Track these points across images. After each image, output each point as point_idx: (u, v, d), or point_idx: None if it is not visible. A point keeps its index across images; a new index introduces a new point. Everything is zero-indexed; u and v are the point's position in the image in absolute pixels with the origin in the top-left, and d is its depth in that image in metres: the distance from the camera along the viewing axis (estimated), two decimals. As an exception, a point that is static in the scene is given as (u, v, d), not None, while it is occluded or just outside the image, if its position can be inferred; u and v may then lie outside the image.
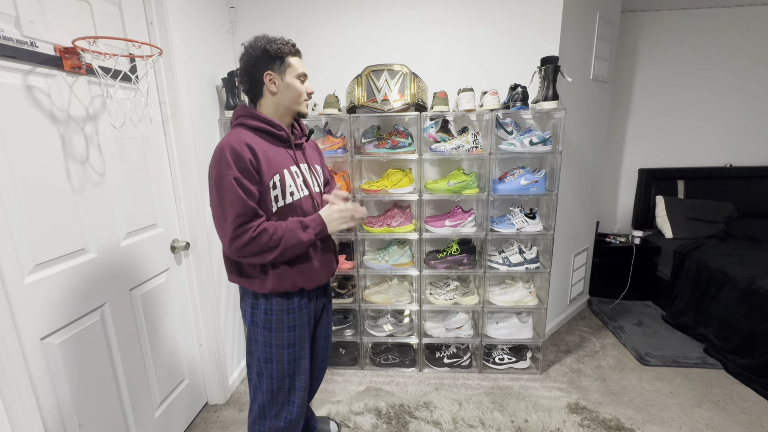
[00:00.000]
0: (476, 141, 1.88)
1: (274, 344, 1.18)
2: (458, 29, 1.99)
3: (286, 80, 1.14)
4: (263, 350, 1.19)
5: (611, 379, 2.04)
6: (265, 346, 1.19)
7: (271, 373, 1.20)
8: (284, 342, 1.18)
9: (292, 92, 1.15)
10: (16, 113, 1.01)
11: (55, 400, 1.11)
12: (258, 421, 1.25)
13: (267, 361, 1.20)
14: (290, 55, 1.13)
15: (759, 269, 2.14)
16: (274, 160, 1.12)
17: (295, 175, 1.17)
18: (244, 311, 1.23)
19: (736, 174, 3.03)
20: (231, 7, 2.02)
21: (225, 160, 1.03)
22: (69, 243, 1.16)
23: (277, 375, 1.20)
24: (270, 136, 1.15)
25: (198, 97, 1.74)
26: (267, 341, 1.18)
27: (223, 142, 1.06)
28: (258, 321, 1.18)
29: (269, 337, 1.18)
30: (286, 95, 1.15)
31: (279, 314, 1.17)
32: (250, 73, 1.12)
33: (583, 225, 2.67)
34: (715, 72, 2.95)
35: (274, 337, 1.18)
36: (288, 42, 1.13)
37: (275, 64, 1.12)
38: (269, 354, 1.19)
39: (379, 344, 2.26)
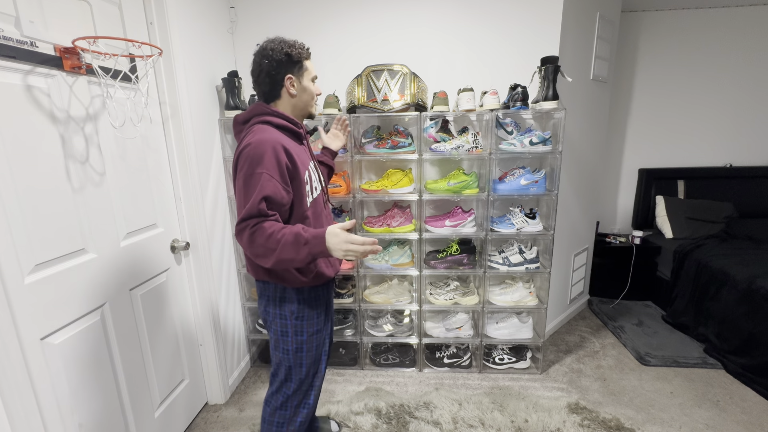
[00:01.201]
0: (476, 141, 1.88)
1: (305, 332, 1.21)
2: (458, 29, 1.99)
3: (303, 83, 1.19)
4: (294, 341, 1.21)
5: (611, 379, 2.04)
6: (296, 336, 1.21)
7: (301, 362, 1.23)
8: (314, 329, 1.23)
9: (308, 95, 1.21)
10: (16, 113, 1.01)
11: (55, 400, 1.11)
12: (278, 412, 1.28)
13: (298, 351, 1.22)
14: (306, 59, 1.19)
15: (759, 269, 2.14)
16: (301, 157, 1.16)
17: (313, 171, 1.23)
18: (266, 307, 1.23)
19: (736, 174, 3.03)
20: (231, 7, 2.02)
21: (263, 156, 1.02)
22: (69, 243, 1.16)
23: (307, 362, 1.24)
24: (291, 134, 1.18)
25: (198, 97, 1.74)
26: (298, 331, 1.21)
27: (265, 138, 1.04)
28: (287, 314, 1.20)
29: (300, 326, 1.21)
30: (303, 97, 1.20)
31: (309, 302, 1.21)
32: (273, 76, 1.15)
33: (583, 225, 2.67)
34: (715, 72, 2.95)
35: (305, 325, 1.21)
36: (304, 46, 1.19)
37: (295, 68, 1.16)
38: (300, 344, 1.22)
39: (379, 344, 2.26)
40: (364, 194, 1.99)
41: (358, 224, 2.02)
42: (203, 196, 1.75)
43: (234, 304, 2.06)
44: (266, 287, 1.22)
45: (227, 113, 1.89)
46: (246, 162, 1.04)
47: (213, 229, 1.84)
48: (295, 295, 1.19)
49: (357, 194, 1.99)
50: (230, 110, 1.88)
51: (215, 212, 1.86)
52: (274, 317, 1.22)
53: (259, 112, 1.15)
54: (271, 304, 1.22)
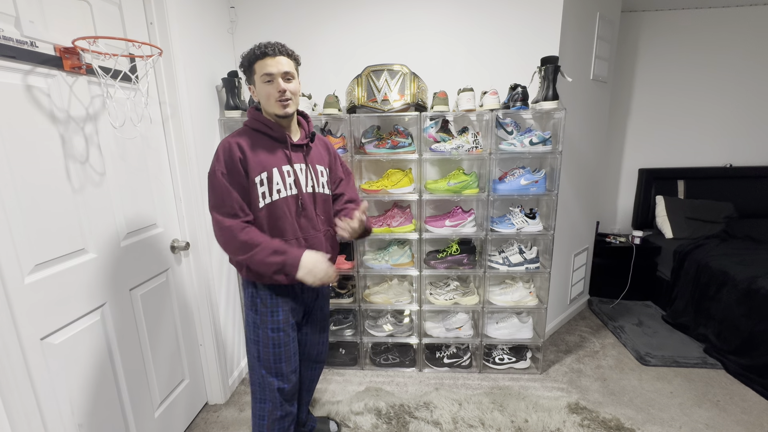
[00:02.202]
0: (476, 141, 1.88)
1: (260, 326, 1.26)
2: (458, 29, 1.99)
3: (257, 87, 1.19)
4: (252, 331, 1.28)
5: (611, 379, 2.04)
6: (254, 328, 1.27)
7: (258, 354, 1.27)
8: (268, 326, 1.25)
9: (262, 97, 1.19)
10: (16, 113, 1.01)
11: (55, 400, 1.11)
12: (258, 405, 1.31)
13: (255, 342, 1.27)
14: (255, 61, 1.15)
15: (759, 269, 2.14)
16: (265, 159, 1.18)
17: (286, 175, 1.20)
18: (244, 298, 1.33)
19: (736, 174, 3.03)
20: (231, 7, 2.02)
21: (217, 156, 1.15)
22: (69, 243, 1.16)
23: (264, 357, 1.26)
24: (266, 136, 1.21)
25: (198, 97, 1.74)
26: (255, 323, 1.26)
27: (222, 141, 1.19)
28: (248, 302, 1.28)
29: (256, 319, 1.26)
30: (262, 101, 1.20)
31: (263, 298, 1.25)
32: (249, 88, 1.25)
33: (583, 225, 2.67)
34: (715, 72, 2.95)
35: (259, 319, 1.25)
36: (255, 48, 1.14)
37: (250, 75, 1.19)
38: (257, 335, 1.26)
39: (379, 344, 2.26)
40: (364, 194, 1.99)
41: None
42: (203, 196, 1.74)
43: (234, 304, 2.06)
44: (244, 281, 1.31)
45: (227, 113, 1.89)
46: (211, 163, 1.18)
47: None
48: (250, 288, 1.27)
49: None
50: (230, 110, 1.88)
51: (215, 212, 1.86)
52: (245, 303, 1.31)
53: (247, 116, 1.26)
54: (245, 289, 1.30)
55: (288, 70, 1.16)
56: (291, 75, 1.17)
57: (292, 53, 1.19)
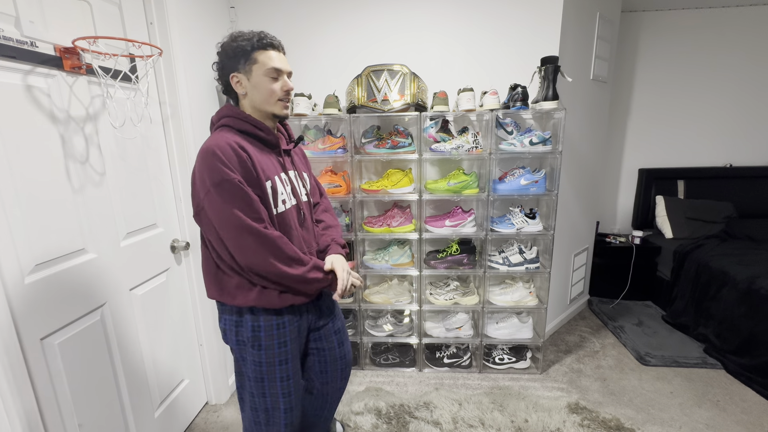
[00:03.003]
0: (476, 141, 1.88)
1: (264, 362, 1.07)
2: (458, 29, 1.99)
3: (252, 80, 1.03)
4: (253, 369, 1.08)
5: (611, 379, 2.04)
6: (255, 365, 1.08)
7: (263, 392, 1.10)
8: (275, 359, 1.08)
9: (260, 92, 1.03)
10: (16, 113, 1.01)
11: (55, 400, 1.11)
12: None
13: (258, 381, 1.09)
14: (257, 50, 1.01)
15: (759, 269, 2.14)
16: (266, 166, 1.04)
17: (285, 183, 1.09)
18: (225, 331, 1.11)
19: (736, 174, 3.03)
20: (231, 7, 2.02)
21: (221, 161, 0.92)
22: (69, 243, 1.16)
23: (271, 392, 1.10)
24: (257, 140, 1.06)
25: (198, 97, 1.74)
26: (256, 360, 1.07)
27: (211, 143, 0.94)
28: (244, 339, 1.07)
29: (259, 356, 1.07)
30: (256, 96, 1.04)
31: (268, 330, 1.06)
32: (221, 77, 1.06)
33: (583, 225, 2.67)
34: (715, 72, 2.95)
35: (264, 355, 1.07)
36: (255, 36, 1.01)
37: (239, 64, 1.02)
38: (260, 373, 1.08)
39: (379, 344, 2.26)
40: (364, 194, 1.99)
41: (357, 224, 2.02)
42: (203, 196, 1.75)
43: (234, 304, 2.05)
44: (223, 309, 1.10)
45: (227, 113, 1.89)
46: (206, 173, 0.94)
47: (213, 229, 1.84)
48: (250, 320, 1.06)
49: (357, 194, 1.99)
50: (230, 110, 1.88)
51: (215, 212, 1.86)
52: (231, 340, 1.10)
53: (223, 114, 1.05)
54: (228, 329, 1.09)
55: (290, 70, 1.08)
56: (290, 75, 1.09)
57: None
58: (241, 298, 1.04)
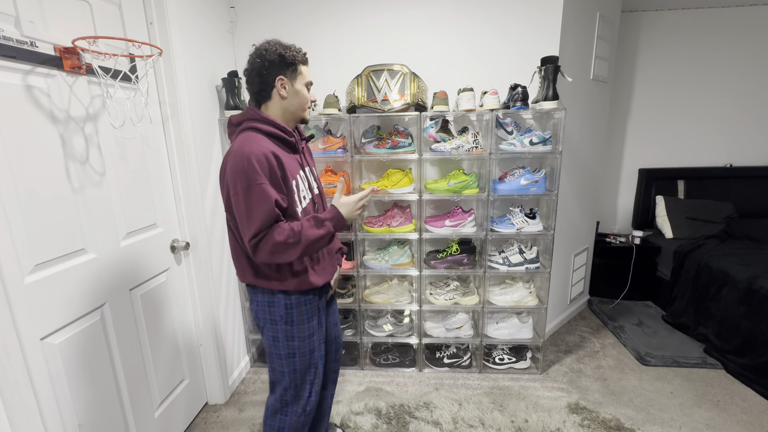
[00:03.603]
0: (476, 141, 1.88)
1: (296, 337, 1.20)
2: (458, 29, 1.99)
3: (295, 86, 1.17)
4: (285, 346, 1.20)
5: (611, 379, 2.04)
6: (287, 341, 1.20)
7: (294, 367, 1.21)
8: (305, 333, 1.21)
9: (300, 99, 1.18)
10: (16, 113, 1.01)
11: (55, 400, 1.11)
12: (278, 417, 1.26)
13: (290, 357, 1.20)
14: (301, 63, 1.17)
15: (759, 269, 2.14)
16: (291, 166, 1.14)
17: (302, 180, 1.20)
18: (257, 312, 1.21)
19: (736, 174, 3.03)
20: (231, 7, 2.02)
21: (253, 168, 1.02)
22: (69, 243, 1.16)
23: (301, 368, 1.22)
24: (281, 142, 1.16)
25: (198, 97, 1.74)
26: (289, 336, 1.19)
27: (247, 149, 1.04)
28: (277, 318, 1.18)
29: (291, 331, 1.19)
30: (294, 101, 1.18)
31: (298, 306, 1.19)
32: (263, 76, 1.13)
33: (583, 225, 2.67)
34: (715, 72, 2.95)
35: (296, 330, 1.19)
36: (300, 50, 1.18)
37: (288, 70, 1.14)
38: (292, 348, 1.20)
39: (379, 344, 2.26)
40: (364, 194, 1.98)
41: (357, 224, 2.02)
42: (203, 196, 1.75)
43: (234, 303, 2.06)
44: (255, 292, 1.20)
45: (227, 113, 1.89)
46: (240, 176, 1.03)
47: (213, 229, 1.84)
48: (283, 299, 1.18)
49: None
50: (230, 110, 1.88)
51: (215, 212, 1.86)
52: (264, 322, 1.20)
53: (250, 117, 1.14)
54: (261, 309, 1.20)
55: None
56: None
57: None
58: (276, 283, 1.16)
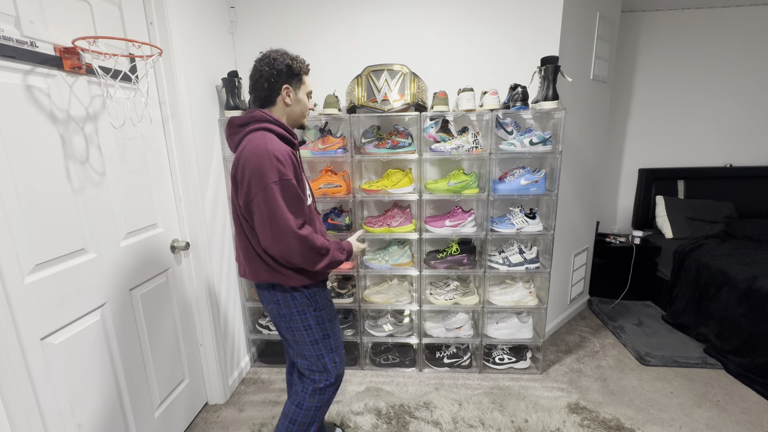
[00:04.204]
0: (476, 141, 1.88)
1: (326, 318, 1.30)
2: (458, 29, 1.99)
3: (299, 95, 1.25)
4: (319, 330, 1.28)
5: (611, 379, 2.04)
6: (319, 325, 1.28)
7: (330, 346, 1.31)
8: (332, 314, 1.34)
9: (301, 107, 1.27)
10: (16, 113, 1.01)
11: (55, 400, 1.11)
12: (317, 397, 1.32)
13: (326, 338, 1.30)
14: (305, 74, 1.26)
15: (759, 269, 2.14)
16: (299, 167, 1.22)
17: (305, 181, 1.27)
18: (278, 309, 1.26)
19: (736, 174, 3.03)
20: (231, 7, 2.02)
21: (282, 163, 1.09)
22: (69, 243, 1.16)
23: (335, 345, 1.33)
24: (288, 144, 1.21)
25: (198, 97, 1.74)
26: (320, 320, 1.28)
27: (271, 147, 1.09)
28: (305, 307, 1.25)
29: (321, 315, 1.28)
30: (296, 108, 1.26)
31: (320, 294, 1.29)
32: (272, 84, 1.19)
33: (583, 225, 2.67)
34: (715, 72, 2.95)
35: (325, 313, 1.29)
36: (305, 62, 1.26)
37: (294, 80, 1.22)
38: (325, 330, 1.30)
39: (379, 344, 2.26)
40: (364, 194, 1.99)
41: (357, 224, 2.02)
42: (203, 196, 1.75)
43: (234, 303, 2.06)
44: (273, 290, 1.24)
45: (227, 113, 1.89)
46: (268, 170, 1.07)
47: (213, 229, 1.84)
48: (306, 291, 1.25)
49: (357, 194, 1.99)
50: (230, 110, 1.88)
51: (215, 212, 1.86)
52: (291, 316, 1.25)
53: (259, 119, 1.17)
54: (284, 304, 1.24)
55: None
56: None
57: None
58: (294, 280, 1.21)
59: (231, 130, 1.21)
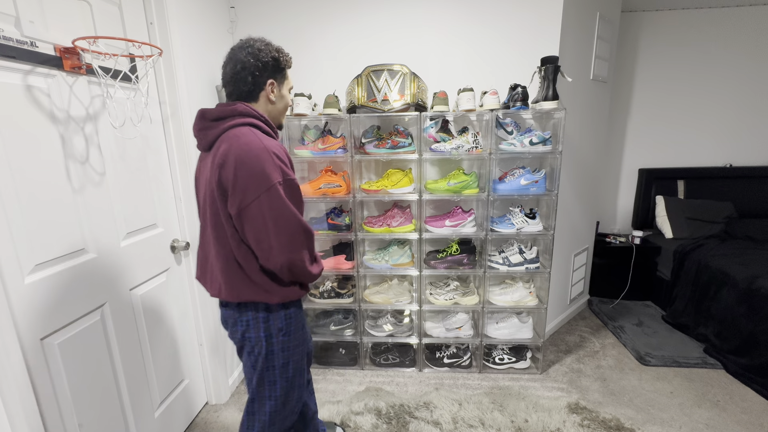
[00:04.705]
0: (476, 141, 1.88)
1: (292, 346, 1.15)
2: (458, 29, 1.99)
3: (282, 91, 1.14)
4: (282, 357, 1.13)
5: (611, 379, 2.04)
6: (284, 352, 1.13)
7: (287, 375, 1.15)
8: (300, 341, 1.17)
9: (283, 103, 1.16)
10: (16, 113, 1.01)
11: (55, 400, 1.11)
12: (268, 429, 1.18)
13: (285, 366, 1.14)
14: (287, 68, 1.14)
15: (759, 269, 2.14)
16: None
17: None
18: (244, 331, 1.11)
19: (736, 174, 3.03)
20: (231, 7, 2.02)
21: (283, 161, 0.99)
22: (69, 243, 1.16)
23: (294, 374, 1.16)
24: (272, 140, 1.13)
25: (198, 97, 1.74)
26: (286, 346, 1.13)
27: (266, 144, 0.98)
28: (274, 331, 1.11)
29: (288, 341, 1.13)
30: (279, 105, 1.15)
31: (296, 316, 1.15)
32: (256, 77, 1.06)
33: (583, 225, 2.67)
34: (715, 72, 2.95)
35: (293, 339, 1.14)
36: (288, 54, 1.15)
37: (279, 74, 1.12)
38: (287, 358, 1.14)
39: (379, 344, 2.26)
40: (364, 194, 1.99)
41: (357, 224, 2.02)
42: (203, 196, 1.75)
43: (234, 304, 2.05)
44: (245, 309, 1.10)
45: (227, 113, 1.89)
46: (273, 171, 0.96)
47: (213, 229, 1.84)
48: (282, 311, 1.11)
49: (357, 194, 1.99)
50: (230, 110, 1.88)
51: (215, 212, 1.86)
52: (257, 340, 1.10)
53: (243, 112, 1.03)
54: (254, 327, 1.10)
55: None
56: None
57: None
58: (276, 295, 1.08)
59: (202, 125, 1.05)
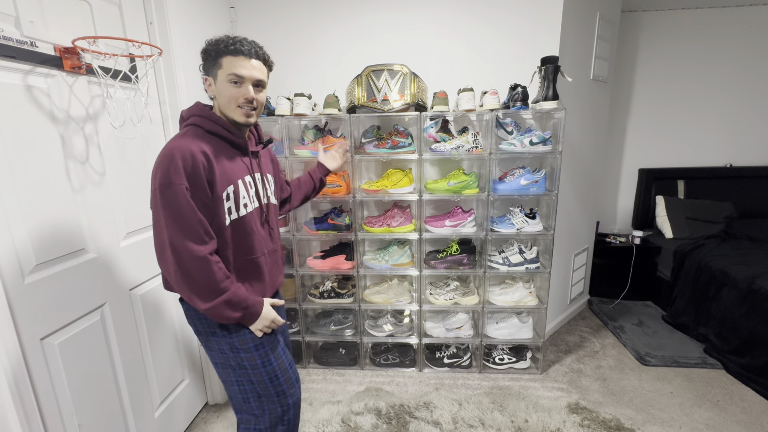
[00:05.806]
0: (476, 141, 1.88)
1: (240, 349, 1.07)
2: (458, 29, 1.99)
3: (218, 84, 1.03)
4: (234, 357, 1.08)
5: (611, 379, 2.04)
6: (233, 353, 1.07)
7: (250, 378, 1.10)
8: (249, 344, 1.07)
9: (222, 97, 1.03)
10: (16, 113, 1.01)
11: (55, 400, 1.11)
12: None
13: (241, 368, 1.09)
14: (224, 55, 1.00)
15: (759, 269, 2.14)
16: (230, 170, 1.03)
17: (249, 186, 1.09)
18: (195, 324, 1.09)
19: (736, 174, 3.03)
20: (231, 7, 2.02)
21: (175, 165, 0.91)
22: (69, 243, 1.16)
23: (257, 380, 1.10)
24: (226, 142, 1.06)
25: (198, 97, 1.72)
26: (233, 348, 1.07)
27: (174, 144, 0.95)
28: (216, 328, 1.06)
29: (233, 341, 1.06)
30: (220, 100, 1.04)
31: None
32: (203, 77, 1.07)
33: (583, 225, 2.67)
34: (715, 72, 2.95)
35: (238, 341, 1.06)
36: (225, 40, 1.00)
37: (211, 67, 1.03)
38: (240, 360, 1.08)
39: (379, 344, 2.26)
40: (364, 194, 1.99)
41: (357, 224, 2.02)
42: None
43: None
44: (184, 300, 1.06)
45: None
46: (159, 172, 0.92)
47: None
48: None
49: (357, 194, 1.99)
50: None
51: (215, 212, 1.86)
52: (207, 335, 1.07)
53: (194, 113, 1.04)
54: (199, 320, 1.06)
55: (261, 78, 1.05)
56: (263, 84, 1.06)
57: (267, 58, 1.07)
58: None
59: (180, 123, 1.09)
